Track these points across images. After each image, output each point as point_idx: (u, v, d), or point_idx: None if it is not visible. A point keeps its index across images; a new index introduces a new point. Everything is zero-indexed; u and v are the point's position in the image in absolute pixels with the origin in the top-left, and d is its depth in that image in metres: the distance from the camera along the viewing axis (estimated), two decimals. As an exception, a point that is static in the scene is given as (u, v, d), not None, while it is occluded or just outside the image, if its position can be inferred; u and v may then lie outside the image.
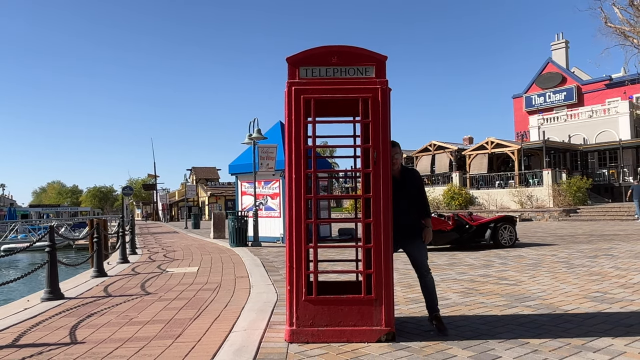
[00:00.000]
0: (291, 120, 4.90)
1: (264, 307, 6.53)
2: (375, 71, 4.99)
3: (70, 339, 5.25)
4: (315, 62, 5.00)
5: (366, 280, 4.93)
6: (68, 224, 46.43)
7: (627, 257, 10.87)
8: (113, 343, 5.06)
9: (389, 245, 4.91)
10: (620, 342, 4.73)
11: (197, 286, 8.56)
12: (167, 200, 66.21)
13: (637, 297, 6.72)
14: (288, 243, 4.94)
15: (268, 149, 16.83)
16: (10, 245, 36.47)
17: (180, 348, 4.81)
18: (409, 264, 6.03)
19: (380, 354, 4.49)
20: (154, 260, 13.34)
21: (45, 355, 4.67)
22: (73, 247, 37.15)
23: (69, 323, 6.00)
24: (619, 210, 28.37)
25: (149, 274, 10.39)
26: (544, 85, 49.59)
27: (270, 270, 10.21)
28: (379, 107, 4.89)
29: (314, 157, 5.03)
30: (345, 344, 4.80)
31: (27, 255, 34.36)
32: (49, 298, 7.53)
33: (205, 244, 18.45)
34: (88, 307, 6.98)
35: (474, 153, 40.29)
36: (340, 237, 17.90)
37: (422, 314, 6.01)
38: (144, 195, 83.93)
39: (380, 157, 4.89)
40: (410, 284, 8.10)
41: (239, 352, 4.61)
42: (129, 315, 6.33)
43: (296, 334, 4.88)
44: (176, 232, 29.51)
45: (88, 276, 10.13)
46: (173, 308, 6.72)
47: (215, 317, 6.09)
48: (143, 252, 16.09)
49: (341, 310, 4.89)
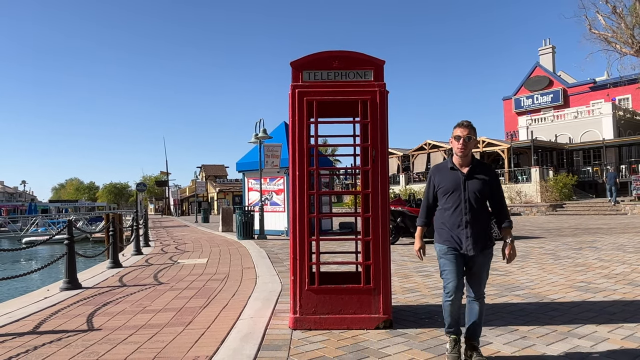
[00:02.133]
0: (295, 120, 4.90)
1: (269, 297, 6.53)
2: (374, 75, 4.98)
3: (88, 326, 5.26)
4: (318, 66, 4.99)
5: (365, 271, 4.93)
6: (85, 218, 46.45)
7: (609, 249, 10.85)
8: (127, 330, 5.07)
9: (386, 238, 4.90)
10: (604, 329, 4.72)
11: (207, 276, 8.56)
12: (178, 196, 66.16)
13: (619, 287, 6.71)
14: (292, 236, 4.94)
15: (273, 148, 16.83)
16: (31, 238, 36.53)
17: (190, 335, 4.82)
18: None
19: (379, 340, 4.49)
20: (166, 252, 13.34)
21: (64, 342, 4.68)
22: (90, 240, 37.17)
23: (86, 311, 6.01)
24: (603, 205, 28.31)
25: (161, 265, 10.40)
26: (532, 88, 49.51)
27: (275, 262, 10.21)
28: (377, 109, 4.88)
29: (317, 156, 5.02)
30: (345, 330, 4.80)
31: (46, 248, 34.39)
32: (67, 288, 7.54)
33: (214, 237, 18.45)
34: (104, 296, 6.99)
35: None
36: (341, 230, 17.92)
37: (417, 303, 6.01)
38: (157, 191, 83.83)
39: (379, 156, 4.88)
40: (406, 275, 8.10)
41: (245, 338, 4.62)
42: (143, 304, 6.34)
43: (299, 322, 4.88)
44: (187, 226, 29.52)
45: (104, 267, 10.14)
46: (184, 297, 6.73)
47: (223, 306, 6.10)
48: (156, 245, 16.10)
49: (342, 299, 4.89)
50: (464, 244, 3.85)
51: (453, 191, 3.91)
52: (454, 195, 3.90)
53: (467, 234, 3.85)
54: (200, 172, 76.20)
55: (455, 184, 3.92)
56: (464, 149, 3.92)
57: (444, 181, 3.97)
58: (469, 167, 3.94)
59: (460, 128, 3.96)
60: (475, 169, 3.95)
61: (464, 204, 3.87)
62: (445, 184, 3.96)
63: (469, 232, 3.84)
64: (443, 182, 3.98)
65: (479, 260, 3.89)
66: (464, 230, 3.86)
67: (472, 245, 3.83)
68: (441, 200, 4.00)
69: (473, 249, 3.83)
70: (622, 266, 8.46)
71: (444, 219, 3.96)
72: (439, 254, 3.98)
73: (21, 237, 39.70)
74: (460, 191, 3.90)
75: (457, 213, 3.89)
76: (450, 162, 4.02)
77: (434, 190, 4.07)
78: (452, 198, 3.91)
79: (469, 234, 3.84)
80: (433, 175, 4.11)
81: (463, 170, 3.94)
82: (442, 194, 3.98)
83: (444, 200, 3.97)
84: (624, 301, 5.90)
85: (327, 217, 18.34)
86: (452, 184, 3.92)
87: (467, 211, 3.85)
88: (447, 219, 3.92)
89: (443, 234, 3.94)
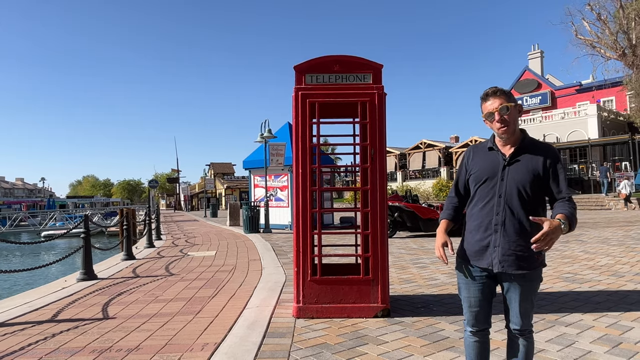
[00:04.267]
0: (298, 121, 4.89)
1: (274, 287, 6.52)
2: (373, 78, 4.96)
3: (103, 315, 5.26)
4: (320, 70, 4.98)
5: (364, 263, 4.93)
6: (101, 213, 46.53)
7: (595, 243, 10.83)
8: (140, 318, 5.07)
9: (384, 231, 4.89)
10: (589, 317, 4.71)
11: (215, 268, 8.56)
12: (188, 192, 66.23)
13: (604, 278, 6.69)
14: (295, 230, 4.93)
15: (278, 147, 16.82)
16: (49, 232, 36.58)
17: (200, 323, 4.81)
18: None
19: (377, 328, 4.49)
20: (176, 245, 13.35)
21: (80, 329, 4.68)
22: (105, 234, 37.19)
23: (102, 301, 6.01)
24: (588, 200, 28.25)
25: (172, 257, 10.40)
26: (522, 90, 49.40)
27: (280, 254, 10.20)
28: (376, 110, 4.87)
29: (318, 154, 5.01)
30: (346, 319, 4.80)
31: (64, 241, 34.42)
32: (83, 278, 7.54)
33: (222, 231, 18.45)
34: (118, 286, 6.99)
35: (460, 150, 40.24)
36: (341, 224, 17.92)
37: (413, 293, 6.00)
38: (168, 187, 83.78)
39: (377, 154, 4.87)
40: (403, 266, 8.09)
41: (252, 326, 4.61)
42: (155, 294, 6.34)
43: (302, 310, 4.87)
44: (196, 220, 29.52)
45: (118, 259, 10.14)
46: (194, 287, 6.73)
47: (231, 296, 6.09)
48: (167, 238, 16.10)
49: (342, 289, 4.89)
50: (489, 255, 2.66)
51: (486, 179, 2.72)
52: (487, 186, 2.72)
53: (495, 241, 2.64)
54: (209, 169, 76.20)
55: (491, 170, 2.72)
56: (505, 127, 2.66)
57: (478, 165, 2.79)
58: (515, 148, 2.71)
59: (488, 101, 2.72)
60: (523, 150, 2.70)
61: (497, 199, 2.66)
62: (478, 170, 2.78)
63: (498, 239, 2.63)
64: (477, 167, 2.80)
65: (517, 284, 2.64)
66: (492, 236, 2.66)
67: (500, 257, 2.62)
68: (472, 191, 2.84)
69: (500, 264, 2.62)
70: (607, 258, 8.44)
71: (469, 218, 2.83)
72: (456, 266, 2.91)
73: (40, 231, 39.79)
74: (496, 180, 2.69)
75: (486, 210, 2.70)
76: (490, 141, 2.83)
77: (465, 178, 2.89)
78: (484, 189, 2.73)
79: (499, 241, 2.63)
80: (468, 157, 2.92)
81: (505, 151, 2.73)
82: (474, 183, 2.80)
83: (474, 192, 2.81)
84: (608, 291, 5.88)
85: (328, 212, 18.34)
86: (488, 170, 2.73)
87: (502, 209, 2.64)
88: (474, 218, 2.77)
89: (465, 239, 2.83)
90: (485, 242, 2.67)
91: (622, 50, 25.74)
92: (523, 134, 2.74)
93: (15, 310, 5.58)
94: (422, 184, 39.68)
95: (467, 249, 2.76)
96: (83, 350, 4.02)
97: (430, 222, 13.63)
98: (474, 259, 2.72)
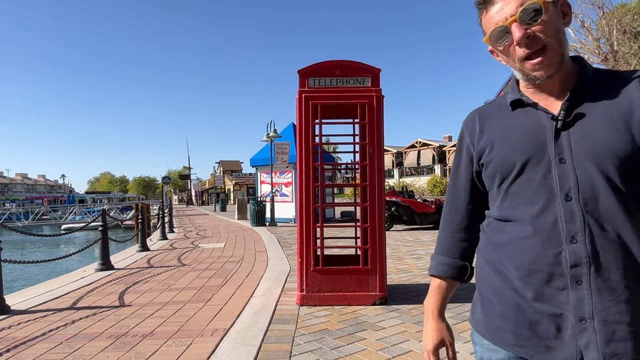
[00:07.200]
0: (301, 121, 4.87)
1: (279, 277, 6.52)
2: (371, 81, 4.94)
3: (119, 303, 5.26)
4: (322, 74, 4.96)
5: (363, 254, 4.92)
6: (117, 208, 46.57)
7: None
8: (154, 306, 5.06)
9: (382, 225, 4.87)
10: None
11: (224, 259, 8.55)
12: (199, 188, 66.43)
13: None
14: (299, 223, 4.92)
15: (282, 146, 16.81)
16: (69, 225, 36.64)
17: (210, 310, 4.81)
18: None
19: (376, 315, 4.48)
20: (188, 238, 13.35)
21: (98, 316, 4.68)
22: (121, 227, 37.24)
23: (118, 289, 6.01)
24: None
25: (184, 249, 10.40)
26: (511, 93, 49.33)
27: (284, 246, 10.20)
28: (374, 111, 4.85)
29: (321, 152, 5.00)
30: (346, 306, 4.79)
31: (83, 234, 34.46)
32: (101, 269, 7.54)
33: (230, 224, 18.45)
34: (134, 276, 7.00)
35: (453, 149, 40.14)
36: (342, 218, 17.93)
37: (409, 282, 5.99)
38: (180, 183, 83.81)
39: (375, 152, 4.85)
40: (399, 257, 8.08)
41: (258, 313, 4.61)
42: (168, 283, 6.34)
43: (306, 299, 4.87)
44: (207, 214, 29.54)
45: (134, 251, 10.14)
46: (204, 277, 6.72)
47: (239, 285, 6.09)
48: (179, 231, 16.11)
49: (343, 278, 4.88)
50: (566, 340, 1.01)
51: (526, 164, 1.09)
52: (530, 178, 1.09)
53: (580, 306, 0.99)
54: (219, 167, 76.20)
55: (531, 144, 1.09)
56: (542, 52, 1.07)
57: (500, 140, 1.16)
58: (571, 90, 1.09)
59: (495, 4, 1.10)
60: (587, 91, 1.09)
61: (560, 205, 1.03)
62: (503, 149, 1.14)
63: (586, 299, 0.99)
64: (499, 145, 1.15)
65: None
66: (567, 295, 1.00)
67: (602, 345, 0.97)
68: (495, 196, 1.18)
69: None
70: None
71: (496, 248, 1.14)
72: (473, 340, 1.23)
73: (61, 224, 39.92)
74: (548, 163, 1.06)
75: (541, 235, 1.04)
76: (513, 91, 1.19)
77: (473, 170, 1.26)
78: (525, 186, 1.09)
79: (590, 306, 0.98)
80: (472, 130, 1.25)
81: (549, 103, 1.12)
82: (498, 178, 1.15)
83: (500, 196, 1.15)
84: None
85: (330, 207, 18.34)
86: (523, 145, 1.10)
87: (580, 226, 1.00)
88: (509, 250, 1.10)
89: (493, 302, 1.14)
90: (549, 309, 1.04)
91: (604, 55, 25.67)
92: (578, 62, 1.16)
93: (38, 298, 5.58)
94: (417, 180, 39.62)
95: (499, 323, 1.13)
96: (100, 335, 4.02)
97: (425, 216, 13.72)
98: (518, 346, 1.09)
